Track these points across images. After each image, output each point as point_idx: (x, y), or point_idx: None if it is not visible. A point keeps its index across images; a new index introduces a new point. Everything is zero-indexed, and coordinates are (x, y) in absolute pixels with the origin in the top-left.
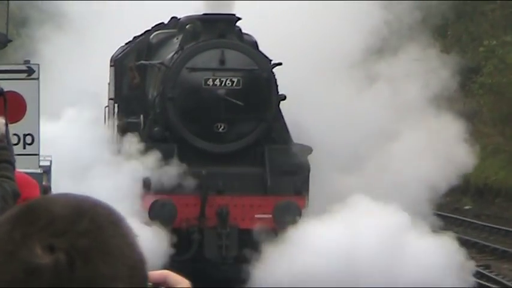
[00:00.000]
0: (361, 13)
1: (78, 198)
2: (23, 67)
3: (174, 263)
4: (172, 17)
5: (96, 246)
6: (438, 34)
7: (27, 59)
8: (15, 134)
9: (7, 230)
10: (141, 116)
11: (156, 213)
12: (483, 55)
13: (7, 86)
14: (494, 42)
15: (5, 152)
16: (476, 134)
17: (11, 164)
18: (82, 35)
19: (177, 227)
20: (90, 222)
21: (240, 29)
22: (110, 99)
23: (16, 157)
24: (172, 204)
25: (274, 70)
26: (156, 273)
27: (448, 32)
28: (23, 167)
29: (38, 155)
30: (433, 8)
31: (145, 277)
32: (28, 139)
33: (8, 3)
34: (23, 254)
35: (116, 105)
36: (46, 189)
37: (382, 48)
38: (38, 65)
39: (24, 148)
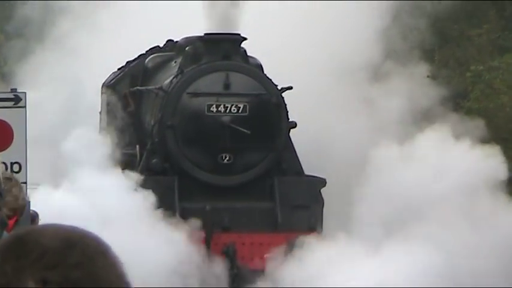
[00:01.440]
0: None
1: (66, 229)
2: (10, 95)
3: None
4: (168, 40)
5: (87, 278)
6: (425, 59)
7: (14, 87)
8: (2, 163)
9: None
10: (137, 146)
11: None
12: (470, 80)
13: None
14: (481, 67)
15: None
16: None
17: (0, 194)
18: (72, 59)
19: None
20: (81, 254)
21: (245, 51)
22: (101, 129)
23: None
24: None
25: (283, 95)
26: None
27: (435, 57)
28: None
29: (26, 183)
30: (420, 32)
31: None
32: (15, 167)
33: None
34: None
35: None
36: (33, 217)
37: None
38: (25, 93)
39: None
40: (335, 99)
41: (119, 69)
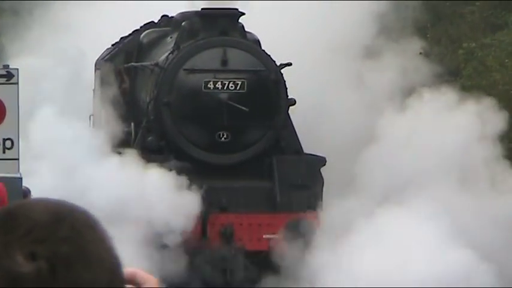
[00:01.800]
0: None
1: (56, 204)
2: (2, 71)
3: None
4: (163, 16)
5: (77, 252)
6: (418, 36)
7: (6, 63)
8: None
9: None
10: (132, 124)
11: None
12: (463, 57)
13: None
14: (474, 44)
15: None
16: None
17: None
18: (66, 35)
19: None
20: (70, 228)
21: (243, 26)
22: (95, 106)
23: None
24: None
25: (282, 71)
26: (125, 272)
27: (427, 34)
28: (2, 171)
29: (18, 159)
30: (412, 10)
31: (123, 280)
32: (8, 144)
33: None
34: (4, 262)
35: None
36: (25, 193)
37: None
38: (17, 69)
39: (4, 153)
40: (330, 76)
41: (112, 45)
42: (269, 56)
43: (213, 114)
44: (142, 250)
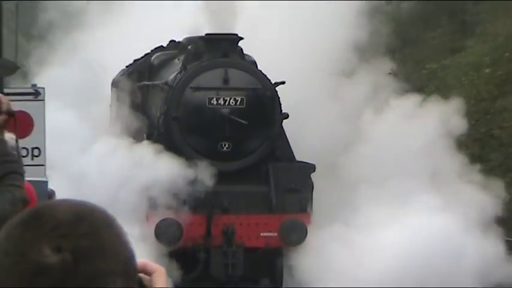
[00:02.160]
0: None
1: (78, 204)
2: (31, 90)
3: (180, 282)
4: (170, 41)
5: (96, 246)
6: (389, 58)
7: (34, 83)
8: (24, 148)
9: (18, 233)
10: (144, 135)
11: (162, 232)
12: (426, 77)
13: (17, 106)
14: (436, 65)
15: (15, 165)
16: None
17: (21, 174)
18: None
19: (183, 246)
20: (90, 225)
21: (242, 49)
22: (112, 120)
23: (25, 167)
24: (178, 223)
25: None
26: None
27: (396, 56)
28: (30, 176)
29: (44, 165)
30: (384, 36)
31: (136, 270)
32: (35, 152)
33: (17, 37)
34: (33, 254)
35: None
36: (50, 194)
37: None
38: (44, 88)
39: (32, 159)
40: (316, 91)
41: (126, 66)
42: (265, 75)
43: (216, 127)
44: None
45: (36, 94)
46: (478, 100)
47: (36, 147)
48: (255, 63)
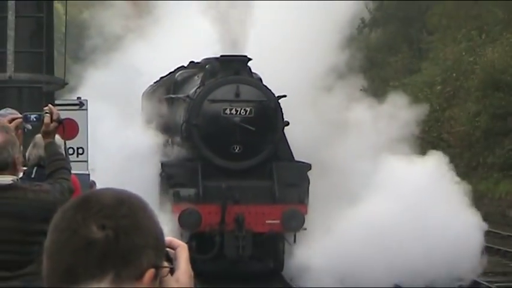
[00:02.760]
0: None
1: (118, 191)
2: (76, 102)
3: (199, 262)
4: (190, 61)
5: (133, 225)
6: (360, 77)
7: (79, 96)
8: (70, 147)
9: (71, 214)
10: (169, 139)
11: (185, 220)
12: (390, 93)
13: (65, 114)
14: (397, 83)
15: (63, 162)
16: None
17: (68, 169)
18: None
19: (202, 231)
20: (128, 208)
21: (250, 68)
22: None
23: (71, 163)
24: (197, 212)
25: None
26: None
27: (365, 75)
28: (76, 170)
29: (87, 161)
30: (357, 59)
31: (164, 245)
32: (80, 150)
33: (65, 59)
34: (83, 231)
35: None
36: (92, 185)
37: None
38: (87, 100)
39: (77, 157)
40: (302, 103)
41: (154, 82)
42: (270, 90)
43: (229, 132)
44: None
45: (81, 105)
46: (431, 111)
47: (81, 147)
48: (260, 79)
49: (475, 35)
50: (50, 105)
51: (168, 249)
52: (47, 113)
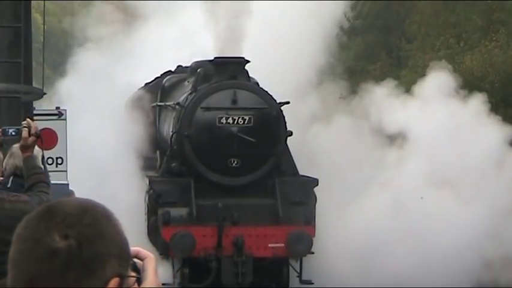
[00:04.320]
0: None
1: (83, 200)
2: (55, 111)
3: None
4: (178, 66)
5: (96, 234)
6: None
7: (57, 105)
8: (50, 157)
9: (34, 224)
10: (157, 152)
11: (176, 244)
12: (368, 100)
13: (44, 124)
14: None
15: (42, 176)
16: None
17: (47, 183)
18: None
19: (196, 257)
20: (92, 217)
21: (247, 71)
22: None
23: (50, 173)
24: (191, 235)
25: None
26: (131, 250)
27: (345, 84)
28: (55, 179)
29: (66, 171)
30: (338, 70)
31: (129, 253)
32: (59, 160)
33: (44, 70)
34: (46, 240)
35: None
36: (70, 194)
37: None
38: (66, 109)
39: (56, 166)
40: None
41: (138, 89)
42: (271, 95)
43: (225, 144)
44: None
45: (60, 115)
46: None
47: (60, 157)
48: (257, 84)
49: (454, 42)
50: (28, 119)
51: (136, 260)
52: (25, 127)
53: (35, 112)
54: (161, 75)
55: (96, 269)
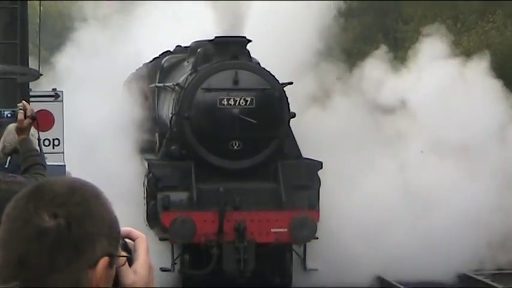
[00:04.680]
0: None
1: (72, 180)
2: (52, 93)
3: (194, 279)
4: (177, 46)
5: (85, 213)
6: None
7: (54, 87)
8: (46, 139)
9: (23, 203)
10: (156, 134)
11: (176, 230)
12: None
13: (41, 106)
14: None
15: (38, 158)
16: None
17: (43, 165)
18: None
19: (196, 243)
20: (81, 196)
21: (249, 51)
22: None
23: (47, 154)
24: (191, 220)
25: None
26: (122, 229)
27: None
28: (52, 161)
29: (63, 152)
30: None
31: (119, 232)
32: (56, 142)
33: (40, 51)
34: (35, 220)
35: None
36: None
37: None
38: (62, 91)
39: (53, 148)
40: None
41: (136, 70)
42: (273, 76)
43: (226, 126)
44: None
45: (56, 96)
46: None
47: (57, 138)
48: (259, 64)
49: (451, 24)
50: (23, 101)
51: (127, 240)
52: (20, 109)
53: (31, 94)
54: (160, 55)
55: (85, 248)
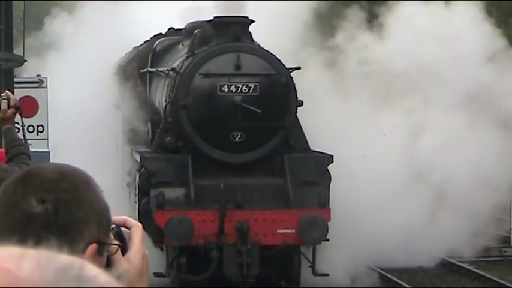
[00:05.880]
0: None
1: (61, 165)
2: (36, 79)
3: (192, 283)
4: (169, 28)
5: (74, 199)
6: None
7: (39, 73)
8: (31, 125)
9: (12, 189)
10: (149, 124)
11: (172, 231)
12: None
13: (25, 92)
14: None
15: (23, 148)
16: None
17: (27, 155)
18: (82, 44)
19: (194, 245)
20: (70, 182)
21: (251, 33)
22: (113, 105)
23: (31, 141)
24: (188, 220)
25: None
26: (117, 218)
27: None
28: (36, 147)
29: (47, 139)
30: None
31: (109, 220)
32: (40, 128)
33: (24, 37)
34: (23, 205)
35: (120, 112)
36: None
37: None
38: (47, 77)
39: (37, 134)
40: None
41: (126, 53)
42: (279, 60)
43: (227, 115)
44: None
45: (40, 83)
46: None
47: (41, 125)
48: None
49: None
50: (7, 91)
51: (123, 228)
52: (4, 99)
53: (15, 80)
54: (151, 38)
55: (73, 234)
